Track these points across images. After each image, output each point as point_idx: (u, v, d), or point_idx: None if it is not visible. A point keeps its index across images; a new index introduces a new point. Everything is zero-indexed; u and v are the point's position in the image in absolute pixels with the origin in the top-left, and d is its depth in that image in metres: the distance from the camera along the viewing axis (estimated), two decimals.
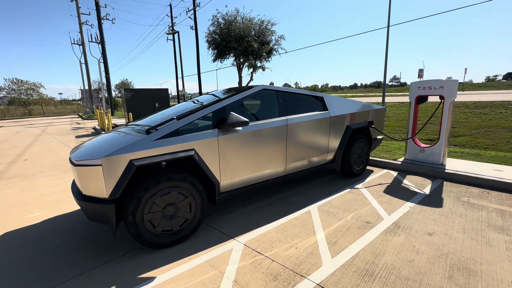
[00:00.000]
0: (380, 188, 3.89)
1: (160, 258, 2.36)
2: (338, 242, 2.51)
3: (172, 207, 2.48)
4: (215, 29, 15.44)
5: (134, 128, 2.93)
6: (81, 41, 22.72)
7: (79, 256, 2.43)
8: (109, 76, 20.76)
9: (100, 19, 19.83)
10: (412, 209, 3.17)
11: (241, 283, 2.01)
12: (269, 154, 3.22)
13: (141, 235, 2.33)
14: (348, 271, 2.10)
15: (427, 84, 4.56)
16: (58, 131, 13.26)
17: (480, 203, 3.27)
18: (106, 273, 2.17)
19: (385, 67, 14.00)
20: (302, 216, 3.08)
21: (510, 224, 2.75)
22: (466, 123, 8.14)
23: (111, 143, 2.43)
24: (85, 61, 23.18)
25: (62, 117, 25.91)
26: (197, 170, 2.76)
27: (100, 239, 2.71)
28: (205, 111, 2.81)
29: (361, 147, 4.44)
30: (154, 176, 2.37)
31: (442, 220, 2.87)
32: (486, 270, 2.06)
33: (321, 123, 3.79)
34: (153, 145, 2.37)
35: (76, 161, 2.31)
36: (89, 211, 2.32)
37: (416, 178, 4.30)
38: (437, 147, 4.55)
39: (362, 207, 3.27)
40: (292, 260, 2.27)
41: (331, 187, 4.02)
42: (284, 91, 3.52)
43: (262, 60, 16.09)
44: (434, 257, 2.24)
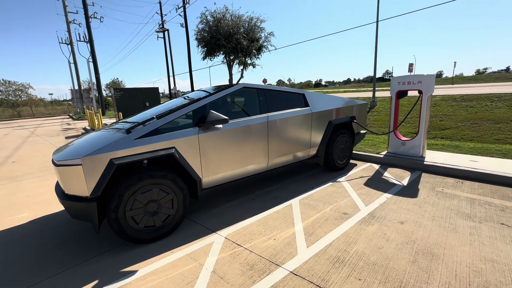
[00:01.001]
0: (361, 181, 4.03)
1: (143, 252, 2.45)
2: (315, 233, 2.64)
3: (154, 203, 2.56)
4: (204, 27, 15.38)
5: (120, 126, 2.99)
6: (69, 40, 22.35)
7: (64, 254, 2.51)
8: (99, 76, 20.49)
9: (88, 18, 19.49)
10: (389, 200, 3.32)
11: (219, 273, 2.11)
12: (250, 150, 3.32)
13: (124, 231, 2.42)
14: (321, 259, 2.22)
15: (407, 79, 4.71)
16: (48, 132, 13.13)
17: (453, 193, 3.43)
18: (90, 268, 2.25)
19: (375, 62, 14.18)
20: (283, 210, 3.20)
21: (477, 211, 2.91)
22: (453, 116, 8.37)
23: (93, 143, 2.50)
24: (74, 61, 22.84)
25: (52, 118, 25.56)
26: (179, 167, 2.84)
27: (85, 237, 2.78)
28: (185, 110, 2.88)
29: (344, 141, 4.57)
30: (136, 174, 2.45)
31: (415, 210, 3.02)
32: (448, 254, 2.21)
33: (303, 119, 3.90)
34: (133, 144, 2.44)
35: (57, 161, 2.38)
36: (72, 210, 2.39)
37: (397, 170, 4.46)
38: (417, 140, 4.71)
39: (342, 199, 3.41)
40: (270, 250, 2.38)
41: (314, 181, 4.15)
42: (265, 88, 3.62)
43: (252, 57, 16.11)
44: (402, 243, 2.38)
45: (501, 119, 7.32)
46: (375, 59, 13.95)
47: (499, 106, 8.54)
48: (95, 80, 21.05)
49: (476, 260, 2.11)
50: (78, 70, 23.06)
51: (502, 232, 2.49)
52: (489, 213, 2.85)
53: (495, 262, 2.08)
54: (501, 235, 2.44)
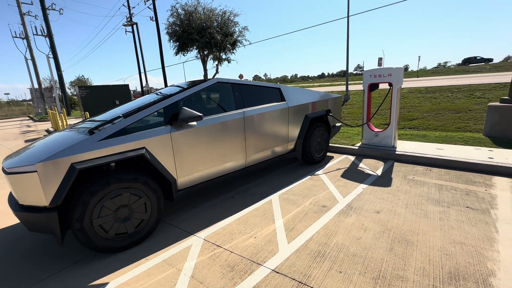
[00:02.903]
0: (338, 173, 4.11)
1: (115, 262, 2.27)
2: (295, 228, 2.62)
3: (125, 209, 2.38)
4: (175, 20, 14.79)
5: (87, 125, 2.73)
6: (25, 34, 20.39)
7: (25, 269, 2.25)
8: (61, 73, 19.00)
9: (45, 9, 17.90)
10: (365, 190, 3.41)
11: (198, 278, 2.02)
12: (228, 147, 3.21)
13: (91, 241, 2.22)
14: (302, 254, 2.21)
15: (377, 72, 4.85)
16: (4, 136, 11.93)
17: (422, 180, 3.61)
18: (54, 285, 2.04)
19: (347, 57, 14.59)
20: (263, 206, 3.15)
21: (445, 196, 3.08)
22: (419, 107, 8.86)
23: (51, 146, 2.25)
24: (32, 57, 20.92)
25: (9, 120, 23.31)
26: (151, 169, 2.67)
27: (48, 250, 2.53)
28: (156, 107, 2.70)
29: (321, 135, 4.63)
30: (102, 178, 2.25)
31: (389, 198, 3.12)
32: (421, 240, 2.30)
33: (279, 113, 3.87)
34: (97, 146, 2.23)
35: (8, 169, 2.11)
36: (29, 223, 2.14)
37: (371, 161, 4.61)
38: (389, 130, 4.90)
39: (320, 192, 3.44)
40: (250, 249, 2.32)
41: (293, 175, 4.16)
42: (240, 83, 3.52)
43: (226, 52, 15.84)
44: (379, 232, 2.44)
45: (461, 109, 7.88)
46: (347, 53, 14.36)
47: (459, 97, 9.20)
48: (57, 77, 19.52)
49: (446, 244, 2.22)
50: (36, 67, 21.17)
51: (468, 215, 2.65)
52: (456, 198, 3.03)
53: (464, 244, 2.20)
54: (467, 218, 2.59)
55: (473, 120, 6.89)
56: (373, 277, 1.90)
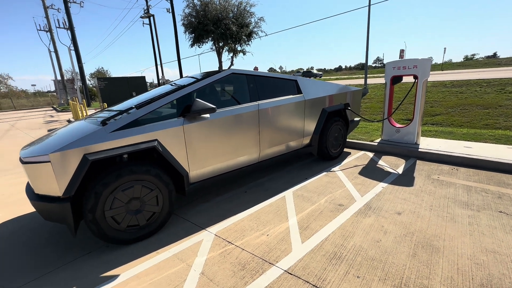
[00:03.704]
0: (355, 170, 3.92)
1: (127, 254, 2.27)
2: (310, 227, 2.51)
3: (137, 201, 2.36)
4: (191, 11, 14.69)
5: (104, 115, 2.72)
6: (48, 27, 21.10)
7: (42, 257, 2.30)
8: (82, 65, 19.59)
9: (67, 2, 18.37)
10: (385, 189, 3.22)
11: (208, 274, 1.96)
12: (241, 141, 3.12)
13: (103, 232, 2.22)
14: (317, 255, 2.10)
15: (402, 64, 4.54)
16: (29, 125, 12.52)
17: (449, 180, 3.36)
18: (67, 274, 2.06)
19: (367, 48, 13.97)
20: (276, 202, 3.05)
21: (475, 199, 2.84)
22: (443, 102, 8.34)
23: (65, 137, 2.25)
24: (55, 49, 21.68)
25: (35, 111, 24.48)
26: (163, 161, 2.63)
27: (63, 239, 2.57)
28: (168, 99, 2.64)
29: (338, 129, 4.43)
30: (114, 170, 2.22)
31: (411, 199, 2.93)
32: (448, 246, 2.11)
33: (295, 107, 3.71)
34: (110, 137, 2.20)
35: (24, 158, 2.13)
36: (43, 212, 2.16)
37: (391, 158, 4.37)
38: (411, 126, 4.61)
39: (337, 190, 3.28)
40: (263, 248, 2.24)
41: (308, 171, 4.01)
42: (255, 75, 3.38)
43: (242, 44, 15.61)
44: (401, 236, 2.28)
45: (490, 104, 7.33)
46: (367, 45, 13.75)
47: (488, 92, 8.57)
48: (78, 69, 20.15)
49: (477, 252, 2.03)
50: (59, 59, 21.94)
51: (501, 221, 2.42)
52: (487, 201, 2.79)
53: (497, 253, 2.00)
54: (500, 224, 2.37)
55: (504, 116, 6.38)
56: (394, 285, 1.76)
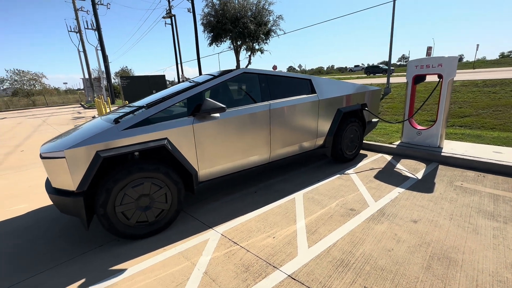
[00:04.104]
0: (371, 174, 3.76)
1: (135, 249, 2.33)
2: (318, 231, 2.43)
3: (146, 198, 2.42)
4: (210, 11, 14.87)
5: (124, 111, 2.81)
6: (78, 28, 22.32)
7: (56, 249, 2.42)
8: (108, 64, 20.53)
9: (95, 4, 19.30)
10: (401, 195, 3.05)
11: (211, 274, 1.96)
12: (251, 141, 3.09)
13: (114, 227, 2.29)
14: (323, 261, 2.03)
15: (425, 62, 4.28)
16: (59, 121, 13.34)
17: (473, 188, 3.12)
18: (79, 266, 2.15)
19: (391, 46, 13.36)
20: (285, 204, 3.00)
21: (502, 209, 2.61)
22: (473, 103, 7.79)
23: (81, 134, 2.35)
24: (83, 49, 22.91)
25: (64, 107, 26.08)
26: (173, 159, 2.67)
27: (80, 231, 2.70)
28: (179, 98, 2.67)
29: (354, 131, 4.27)
30: (125, 167, 2.29)
31: (430, 206, 2.75)
32: (467, 260, 1.96)
33: (309, 107, 3.62)
34: (121, 135, 2.27)
35: (43, 153, 2.25)
36: (59, 205, 2.28)
37: (411, 162, 4.14)
38: (434, 129, 4.34)
39: (349, 193, 3.17)
40: (268, 250, 2.21)
41: (320, 173, 3.91)
42: (267, 74, 3.34)
43: (260, 42, 15.56)
44: (415, 246, 2.14)
45: None
46: (391, 41, 13.13)
47: None
48: (104, 68, 21.14)
49: (501, 268, 1.86)
50: (87, 59, 23.16)
51: None
52: None
53: None
54: None
55: None
56: None
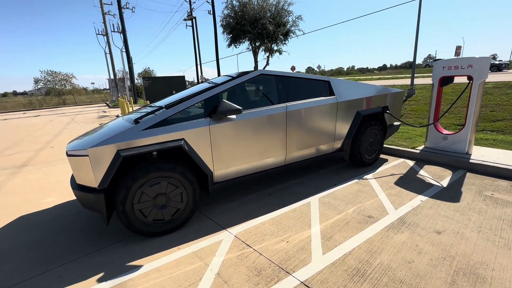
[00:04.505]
0: (391, 179, 3.60)
1: (151, 246, 2.39)
2: (333, 238, 2.36)
3: (163, 197, 2.48)
4: (230, 12, 15.03)
5: (145, 111, 2.91)
6: (105, 31, 23.47)
7: (79, 241, 2.55)
8: (131, 65, 21.39)
9: (121, 8, 20.20)
10: (424, 203, 2.90)
11: (224, 276, 1.97)
12: (267, 143, 3.08)
13: (131, 224, 2.37)
14: (338, 269, 1.97)
15: (453, 63, 4.04)
16: (86, 119, 14.07)
17: (506, 199, 2.89)
18: (99, 259, 2.25)
19: (416, 45, 12.77)
20: (300, 208, 2.95)
21: None
22: (507, 106, 7.24)
23: (104, 133, 2.45)
24: (109, 51, 24.04)
25: (91, 106, 27.50)
26: (189, 160, 2.71)
27: (102, 225, 2.82)
28: (196, 99, 2.71)
29: (374, 134, 4.12)
30: (143, 166, 2.36)
31: (456, 217, 2.58)
32: (497, 277, 1.81)
33: (327, 109, 3.54)
34: (141, 135, 2.34)
35: (68, 151, 2.37)
36: (82, 200, 2.39)
37: (435, 168, 3.92)
38: (463, 134, 4.08)
39: (367, 199, 3.05)
40: (281, 254, 2.18)
41: (337, 177, 3.81)
42: (284, 75, 3.30)
43: (278, 43, 15.49)
44: (438, 258, 2.02)
45: None
46: (416, 40, 12.55)
47: None
48: (128, 69, 22.03)
49: None
50: (113, 60, 24.28)
51: None
52: None
53: None
54: None
55: None
56: None
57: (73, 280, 2.02)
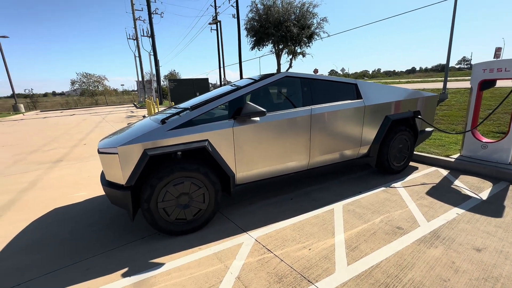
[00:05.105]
0: (422, 189, 3.38)
1: (173, 245, 2.43)
2: (359, 248, 2.25)
3: (186, 196, 2.51)
4: (254, 16, 15.15)
5: (171, 112, 2.99)
6: (135, 36, 24.72)
7: (107, 235, 2.65)
8: (158, 68, 22.29)
9: (150, 14, 21.18)
10: (460, 216, 2.67)
11: (244, 280, 1.93)
12: (289, 146, 3.02)
13: (155, 221, 2.42)
14: (364, 283, 1.86)
15: (496, 66, 3.72)
16: (115, 119, 14.85)
17: None
18: (125, 254, 2.32)
19: (449, 46, 12.02)
20: (323, 215, 2.85)
21: None
22: None
23: (133, 132, 2.54)
24: (139, 55, 25.25)
25: (120, 106, 29.03)
26: (212, 161, 2.73)
27: (127, 221, 2.92)
28: (221, 101, 2.73)
29: (403, 140, 3.90)
30: (168, 165, 2.41)
31: (498, 234, 2.34)
32: None
33: (353, 113, 3.41)
34: (167, 135, 2.39)
35: (100, 149, 2.48)
36: (110, 196, 2.49)
37: (472, 179, 3.62)
38: (505, 142, 3.73)
39: (396, 209, 2.88)
40: (302, 262, 2.10)
41: (362, 184, 3.64)
42: (310, 77, 3.23)
43: (302, 46, 15.33)
44: (479, 279, 1.84)
45: None
46: (450, 42, 11.80)
47: None
48: (155, 72, 22.98)
49: None
50: (142, 63, 25.47)
51: None
52: None
53: None
54: None
55: None
56: None
57: (99, 273, 2.09)
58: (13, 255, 2.40)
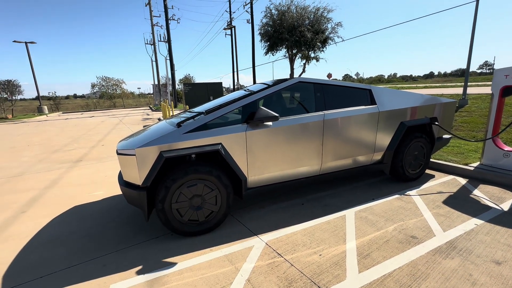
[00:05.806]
0: (439, 198, 3.28)
1: (185, 245, 2.49)
2: (371, 256, 2.21)
3: (199, 198, 2.57)
4: (268, 21, 15.29)
5: (186, 115, 3.09)
6: (153, 41, 25.54)
7: (123, 234, 2.75)
8: (174, 72, 22.83)
9: (168, 20, 21.82)
10: (479, 227, 2.57)
11: (254, 283, 1.95)
12: (302, 151, 3.03)
13: (169, 222, 2.49)
14: None
15: None
16: (132, 121, 15.34)
17: None
18: (138, 252, 2.40)
19: (470, 50, 11.60)
20: (334, 221, 2.82)
21: None
22: None
23: (149, 135, 2.64)
24: (156, 59, 26.07)
25: (137, 109, 29.94)
26: (224, 164, 2.78)
27: (142, 221, 3.01)
28: (235, 106, 2.79)
29: (419, 147, 3.81)
30: (182, 167, 2.48)
31: None
32: None
33: (367, 119, 3.37)
34: (182, 138, 2.47)
35: (118, 150, 2.60)
36: (127, 196, 2.59)
37: (493, 189, 3.47)
38: None
39: (410, 218, 2.81)
40: (313, 267, 2.10)
41: (376, 191, 3.58)
42: (323, 83, 3.24)
43: (315, 51, 15.28)
44: None
45: None
46: (471, 45, 11.40)
47: None
48: (171, 76, 23.57)
49: None
50: (158, 67, 26.28)
51: None
52: None
53: None
54: None
55: None
56: None
57: (114, 270, 2.18)
58: (37, 249, 2.53)
